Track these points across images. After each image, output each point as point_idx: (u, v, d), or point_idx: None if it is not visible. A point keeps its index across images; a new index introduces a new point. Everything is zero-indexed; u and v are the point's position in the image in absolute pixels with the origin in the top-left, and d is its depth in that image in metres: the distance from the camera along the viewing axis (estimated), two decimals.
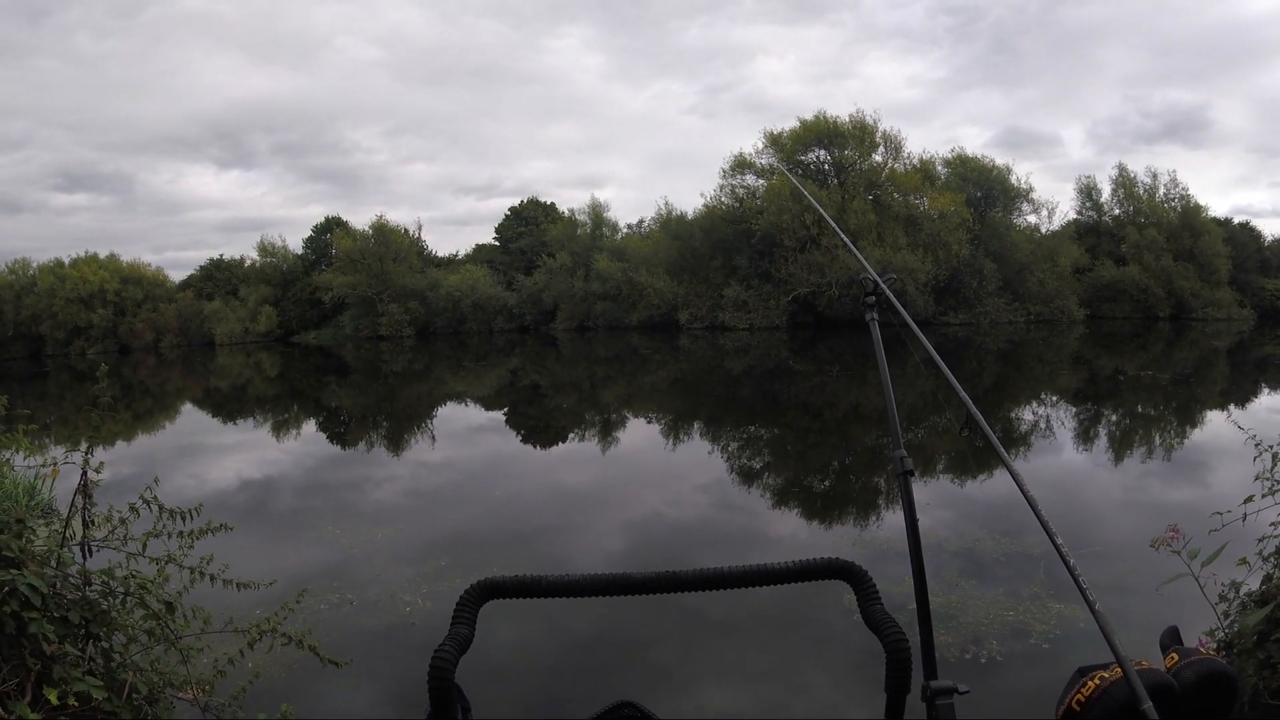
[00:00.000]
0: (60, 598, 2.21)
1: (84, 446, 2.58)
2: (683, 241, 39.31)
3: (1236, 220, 43.27)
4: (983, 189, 38.65)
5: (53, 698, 1.97)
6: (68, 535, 2.48)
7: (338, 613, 5.25)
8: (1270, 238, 43.24)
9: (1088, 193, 42.31)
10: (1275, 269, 41.62)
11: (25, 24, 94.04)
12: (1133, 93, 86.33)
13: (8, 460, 3.25)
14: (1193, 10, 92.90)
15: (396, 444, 13.11)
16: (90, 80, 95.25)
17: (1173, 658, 1.08)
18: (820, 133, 37.82)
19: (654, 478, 9.86)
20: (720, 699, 4.09)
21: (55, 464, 2.62)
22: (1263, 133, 74.72)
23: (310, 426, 16.35)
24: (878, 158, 38.06)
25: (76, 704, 2.05)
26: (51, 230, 79.10)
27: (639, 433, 13.25)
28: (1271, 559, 2.85)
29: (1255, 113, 78.86)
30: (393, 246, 43.48)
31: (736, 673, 4.40)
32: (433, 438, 13.40)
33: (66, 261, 44.87)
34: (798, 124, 38.43)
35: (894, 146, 38.38)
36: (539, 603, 1.01)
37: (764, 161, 39.14)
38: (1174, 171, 47.64)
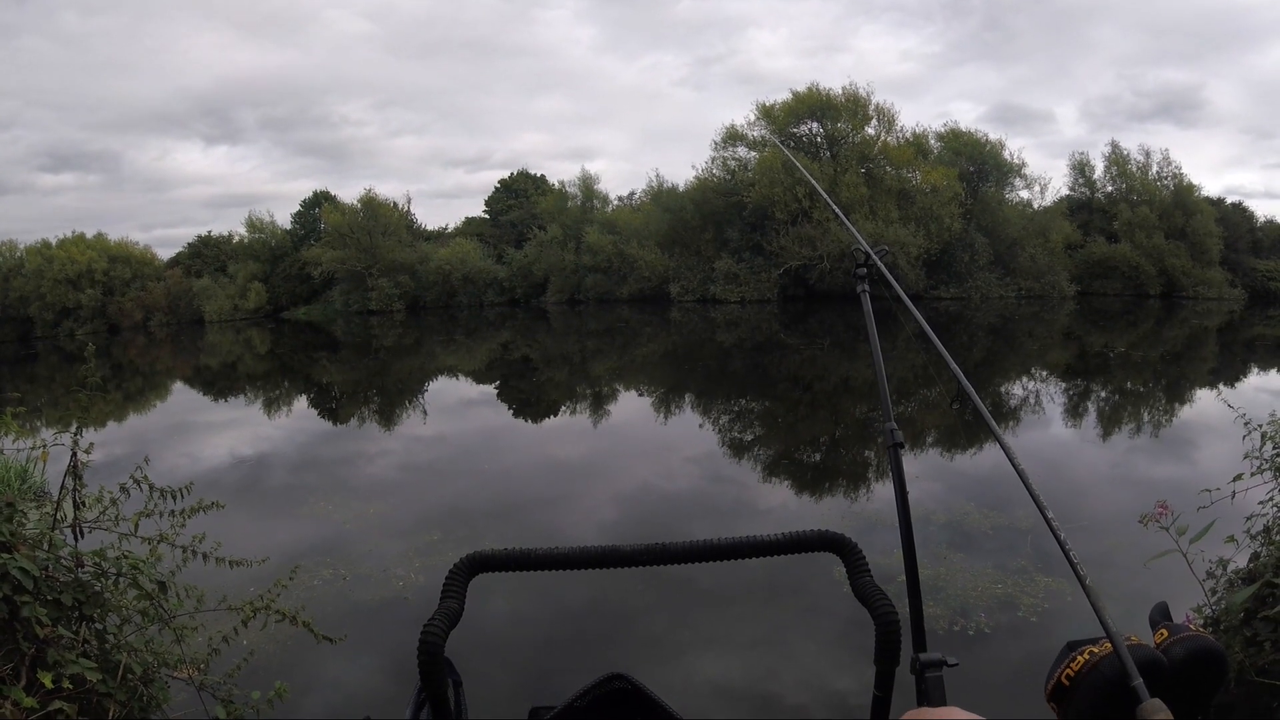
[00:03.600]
0: (53, 580, 2.20)
1: (73, 428, 2.56)
2: (674, 214, 39.03)
3: (1229, 200, 43.30)
4: (975, 164, 38.46)
5: (47, 681, 1.97)
6: (59, 518, 2.47)
7: (331, 589, 5.27)
8: (1262, 218, 43.23)
9: (1080, 169, 42.15)
10: (1267, 250, 41.56)
11: (12, 3, 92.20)
12: (1126, 71, 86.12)
13: None
14: None
15: (388, 419, 13.09)
16: (77, 59, 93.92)
17: (1162, 634, 1.08)
18: (813, 105, 37.49)
19: (644, 450, 9.90)
20: (710, 670, 4.14)
21: (45, 446, 2.61)
22: (1255, 114, 74.62)
23: (301, 403, 16.29)
24: (870, 131, 37.73)
25: (71, 686, 2.05)
26: (38, 211, 78.12)
27: (630, 406, 13.27)
28: (1259, 537, 2.87)
29: (1248, 94, 78.79)
30: (382, 220, 43.01)
31: (726, 643, 4.44)
32: (424, 412, 13.38)
33: (54, 242, 44.30)
34: (790, 96, 38.16)
35: (887, 120, 38.08)
36: (529, 575, 1.02)
37: (756, 134, 38.80)
38: (1167, 150, 47.30)
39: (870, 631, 0.93)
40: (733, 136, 39.30)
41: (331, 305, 42.88)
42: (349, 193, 56.00)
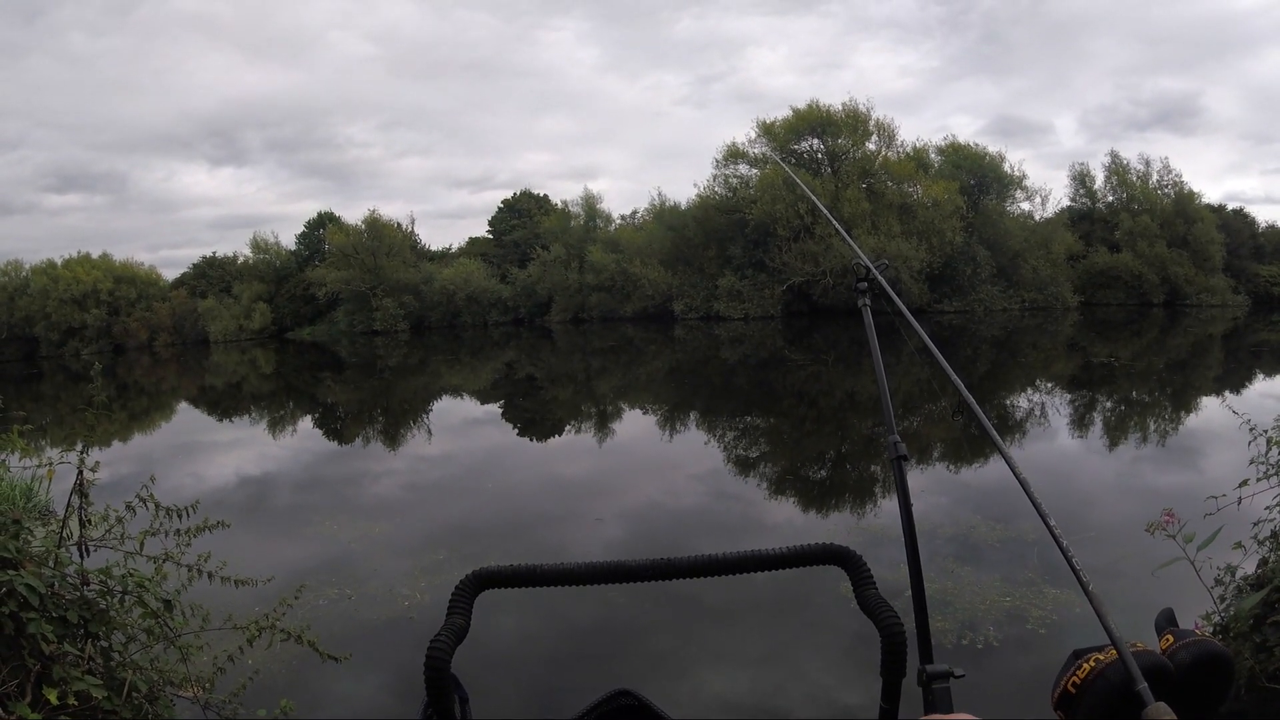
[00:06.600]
0: (58, 597, 2.21)
1: (79, 446, 2.57)
2: (676, 232, 39.24)
3: (1230, 207, 43.37)
4: (976, 177, 38.64)
5: (52, 697, 1.97)
6: (65, 535, 2.48)
7: (336, 608, 5.25)
8: (1263, 224, 43.36)
9: (1081, 180, 42.40)
10: (1269, 255, 41.67)
11: (20, 23, 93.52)
12: (1124, 81, 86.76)
13: (3, 462, 3.24)
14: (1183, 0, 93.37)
15: (393, 438, 13.09)
16: (84, 79, 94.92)
17: (1168, 639, 1.08)
18: (813, 121, 37.73)
19: (650, 467, 9.87)
20: (717, 684, 4.11)
21: (51, 464, 2.62)
22: (1253, 120, 75.25)
23: (306, 422, 16.32)
24: (871, 146, 37.99)
25: (76, 703, 2.05)
26: (45, 231, 78.85)
27: (635, 423, 13.26)
28: (1267, 543, 2.86)
29: (1246, 100, 79.38)
30: (386, 241, 43.28)
31: (733, 658, 4.41)
32: (429, 431, 13.38)
33: (59, 262, 44.70)
34: (790, 113, 38.41)
35: (887, 135, 38.36)
36: (535, 592, 1.02)
37: (757, 151, 39.12)
38: (1166, 159, 47.78)
39: (877, 644, 0.93)
40: (734, 154, 39.59)
41: (336, 325, 43.04)
42: (354, 214, 56.28)
